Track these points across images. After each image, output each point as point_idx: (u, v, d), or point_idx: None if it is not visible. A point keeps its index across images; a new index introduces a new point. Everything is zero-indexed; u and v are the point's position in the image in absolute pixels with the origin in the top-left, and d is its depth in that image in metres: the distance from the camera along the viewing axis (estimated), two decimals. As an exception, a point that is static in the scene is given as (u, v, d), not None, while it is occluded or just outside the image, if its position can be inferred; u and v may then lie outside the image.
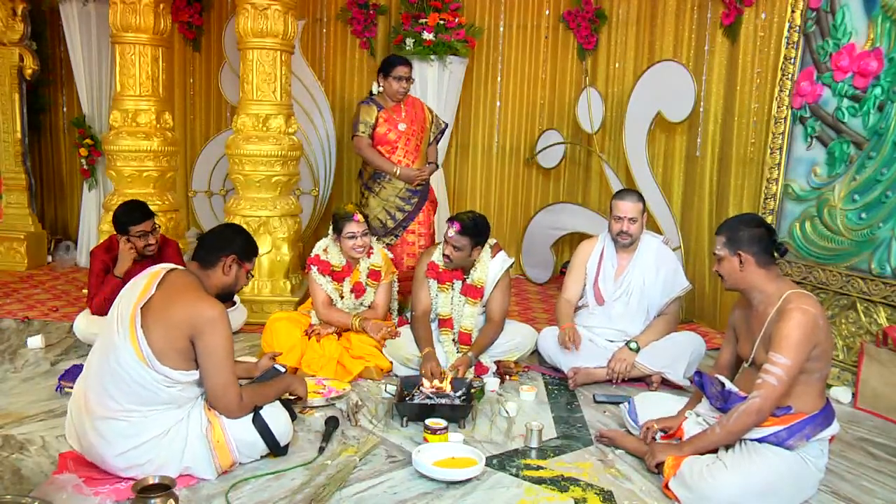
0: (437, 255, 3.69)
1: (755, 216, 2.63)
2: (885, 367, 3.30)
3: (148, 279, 2.42)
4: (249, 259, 2.61)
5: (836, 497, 2.50)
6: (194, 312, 2.34)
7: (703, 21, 5.05)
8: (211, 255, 2.52)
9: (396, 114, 4.39)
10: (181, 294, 2.38)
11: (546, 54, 6.11)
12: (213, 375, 2.38)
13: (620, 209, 3.64)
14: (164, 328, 2.32)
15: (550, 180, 6.24)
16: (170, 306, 2.34)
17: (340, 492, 2.39)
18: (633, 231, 3.64)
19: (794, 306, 2.33)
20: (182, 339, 2.33)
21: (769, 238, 2.46)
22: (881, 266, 3.45)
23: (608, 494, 2.45)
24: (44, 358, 3.71)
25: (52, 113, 6.75)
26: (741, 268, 2.46)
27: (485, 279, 3.64)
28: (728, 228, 2.52)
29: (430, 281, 3.68)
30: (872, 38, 3.58)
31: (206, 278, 2.50)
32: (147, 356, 2.29)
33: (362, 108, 4.40)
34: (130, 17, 4.80)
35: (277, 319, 3.77)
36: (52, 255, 6.35)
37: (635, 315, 3.70)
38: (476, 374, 3.52)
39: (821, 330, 2.34)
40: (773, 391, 2.31)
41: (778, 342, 2.31)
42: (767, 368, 2.32)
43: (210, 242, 2.57)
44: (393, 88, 4.34)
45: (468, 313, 3.64)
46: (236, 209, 4.60)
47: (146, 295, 2.36)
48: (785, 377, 2.30)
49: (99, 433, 2.33)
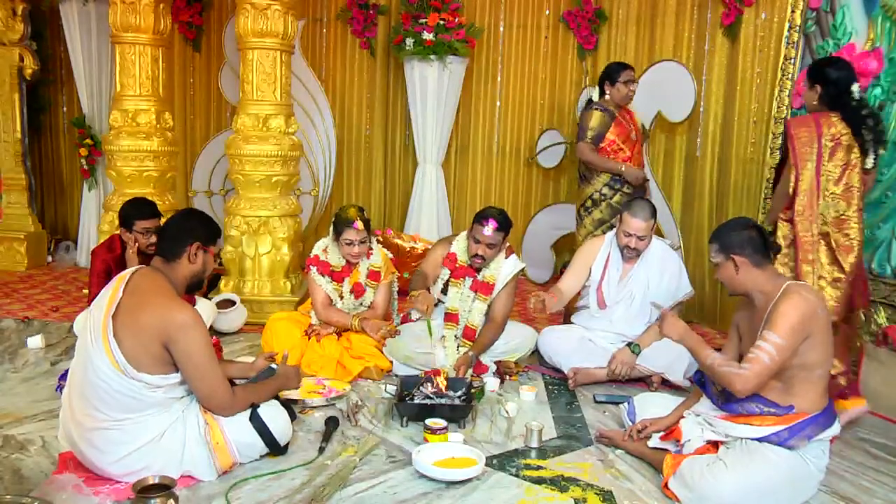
0: (457, 246, 3.69)
1: (743, 219, 2.65)
2: (885, 367, 3.30)
3: (115, 284, 2.38)
4: (213, 242, 2.54)
5: (836, 497, 2.50)
6: (164, 319, 2.28)
7: (703, 21, 5.05)
8: (174, 246, 2.45)
9: (625, 121, 4.38)
10: (149, 297, 2.32)
11: (546, 54, 6.11)
12: (197, 378, 2.35)
13: (631, 226, 3.57)
14: (134, 335, 2.27)
15: (550, 180, 6.24)
16: (138, 312, 2.29)
17: (340, 492, 2.39)
18: (641, 247, 3.62)
19: (794, 291, 2.36)
20: (155, 344, 2.28)
21: (760, 238, 2.48)
22: (881, 266, 3.45)
23: (608, 494, 2.45)
24: (44, 358, 3.71)
25: (52, 113, 6.75)
26: (737, 271, 2.47)
27: (497, 276, 3.64)
28: (718, 235, 2.54)
29: (444, 269, 3.68)
30: (872, 38, 3.58)
31: (172, 271, 2.44)
32: (123, 365, 2.25)
33: (594, 115, 4.32)
34: (130, 17, 4.81)
35: (277, 319, 3.77)
36: (52, 255, 6.35)
37: (636, 318, 3.68)
38: (475, 373, 3.52)
39: (819, 320, 2.34)
40: (763, 369, 2.32)
41: (773, 321, 2.33)
42: (760, 345, 2.33)
43: (170, 234, 2.49)
44: (622, 94, 4.31)
45: (477, 309, 3.64)
46: (236, 209, 4.60)
47: (114, 301, 2.31)
48: (777, 356, 2.30)
49: (91, 444, 2.32)
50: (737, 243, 2.46)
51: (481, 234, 3.52)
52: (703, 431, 2.52)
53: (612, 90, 4.34)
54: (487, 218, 3.51)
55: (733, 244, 2.47)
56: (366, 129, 6.39)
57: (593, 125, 4.33)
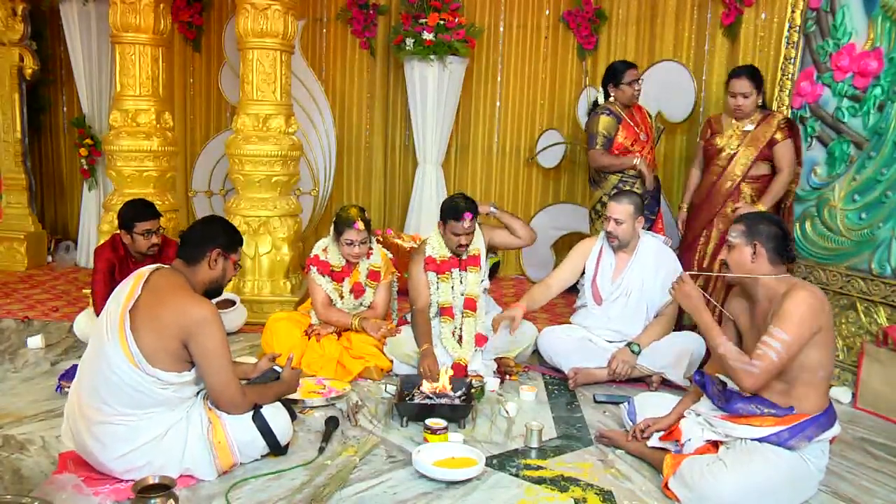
0: (430, 249, 3.72)
1: (777, 217, 2.66)
2: (885, 367, 3.30)
3: (134, 281, 2.40)
4: (234, 250, 2.57)
5: (836, 497, 2.50)
6: (184, 315, 2.31)
7: (703, 21, 5.06)
8: (195, 250, 2.48)
9: (634, 122, 4.37)
10: (169, 295, 2.35)
11: (546, 54, 6.11)
12: (212, 375, 2.38)
13: (608, 209, 3.66)
14: (153, 330, 2.29)
15: (550, 180, 6.24)
16: (158, 308, 2.31)
17: (340, 492, 2.39)
18: (619, 233, 3.62)
19: (801, 286, 2.36)
20: (173, 341, 2.31)
21: (784, 241, 2.47)
22: (881, 266, 3.45)
23: (608, 494, 2.45)
24: (44, 358, 3.71)
25: (52, 113, 6.75)
26: (753, 258, 2.46)
27: (479, 247, 3.72)
28: (749, 219, 2.54)
29: (430, 274, 3.69)
30: (872, 38, 3.58)
31: (192, 275, 2.47)
32: (137, 359, 2.27)
33: (601, 120, 4.33)
34: (130, 17, 4.80)
35: (277, 319, 3.77)
36: (52, 255, 6.35)
37: (634, 316, 3.69)
38: (477, 344, 3.56)
39: (825, 315, 2.34)
40: (771, 365, 2.31)
41: (780, 316, 2.31)
42: (767, 341, 2.32)
43: (193, 238, 2.52)
44: (627, 95, 4.32)
45: (472, 280, 3.69)
46: (236, 209, 4.60)
47: (133, 297, 2.33)
48: (784, 353, 2.29)
49: (95, 438, 2.33)
50: (765, 234, 2.46)
51: (461, 228, 3.56)
52: (703, 431, 2.52)
53: (617, 92, 4.33)
54: (460, 212, 3.54)
55: (761, 233, 2.46)
56: (366, 129, 6.39)
57: (601, 130, 4.34)
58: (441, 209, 3.67)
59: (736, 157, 3.95)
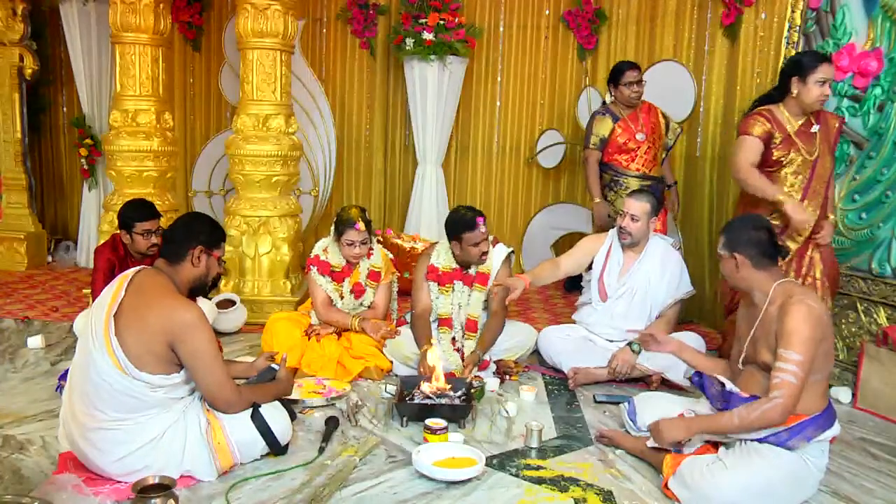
0: (436, 257, 3.69)
1: (758, 218, 2.62)
2: (885, 367, 3.30)
3: (117, 284, 2.37)
4: (217, 246, 2.54)
5: (836, 497, 2.50)
6: (169, 319, 2.28)
7: (703, 21, 5.05)
8: (177, 249, 2.45)
9: (634, 123, 4.38)
10: (154, 297, 2.32)
11: (546, 54, 6.11)
12: (204, 377, 2.36)
13: (626, 205, 3.68)
14: (138, 332, 2.27)
15: (550, 180, 6.24)
16: (143, 310, 2.29)
17: (340, 492, 2.39)
18: (633, 230, 3.64)
19: (798, 300, 2.32)
20: (159, 344, 2.28)
21: (769, 241, 2.46)
22: (881, 266, 3.45)
23: (608, 494, 2.45)
24: (44, 358, 3.71)
25: (52, 113, 6.76)
26: (737, 269, 2.47)
27: (490, 266, 3.67)
28: (729, 229, 2.53)
29: (430, 283, 3.68)
30: (872, 38, 3.58)
31: (176, 274, 2.44)
32: (124, 364, 2.24)
33: (596, 120, 4.40)
34: (130, 17, 4.81)
35: (277, 319, 3.77)
36: (52, 255, 6.35)
37: (637, 315, 3.69)
38: (479, 368, 3.52)
39: (826, 325, 2.34)
40: (794, 389, 2.27)
41: (787, 339, 2.29)
42: (782, 367, 2.29)
43: (174, 236, 2.49)
44: (625, 95, 4.35)
45: (476, 299, 3.65)
46: (236, 209, 4.60)
47: (116, 300, 2.31)
48: (801, 373, 2.27)
49: (91, 443, 2.31)
50: (743, 241, 2.45)
51: (479, 235, 3.52)
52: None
53: (617, 92, 4.39)
54: (473, 220, 3.50)
55: (739, 241, 2.46)
56: (366, 129, 6.39)
57: (595, 131, 4.38)
58: (450, 227, 3.59)
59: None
